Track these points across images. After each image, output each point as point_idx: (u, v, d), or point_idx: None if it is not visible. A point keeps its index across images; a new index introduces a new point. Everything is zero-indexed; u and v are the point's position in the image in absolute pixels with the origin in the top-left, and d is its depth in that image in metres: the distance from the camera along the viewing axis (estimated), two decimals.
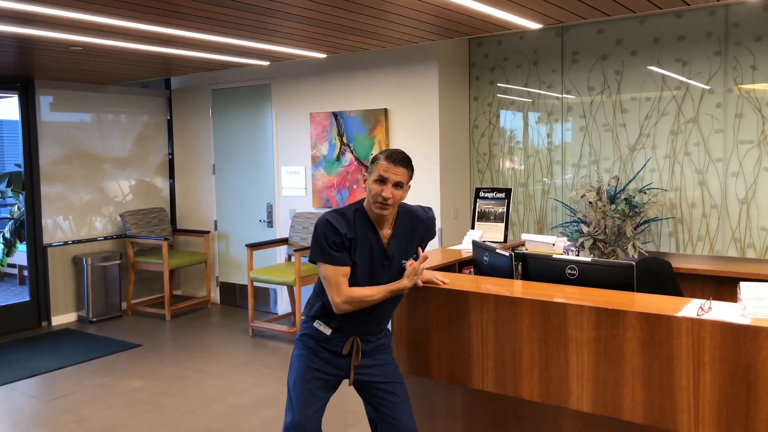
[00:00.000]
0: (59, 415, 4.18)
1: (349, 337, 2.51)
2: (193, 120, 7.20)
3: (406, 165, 2.44)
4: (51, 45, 4.51)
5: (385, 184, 2.40)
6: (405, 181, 2.44)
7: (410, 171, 2.47)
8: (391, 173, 2.40)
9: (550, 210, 5.37)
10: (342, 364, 2.54)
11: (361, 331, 2.53)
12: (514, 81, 5.46)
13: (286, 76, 6.34)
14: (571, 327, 2.36)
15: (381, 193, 2.40)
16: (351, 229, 2.44)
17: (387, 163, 2.41)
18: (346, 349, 2.50)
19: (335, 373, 2.55)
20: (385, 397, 2.57)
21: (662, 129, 4.80)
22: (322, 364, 2.53)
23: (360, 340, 2.52)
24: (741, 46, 4.46)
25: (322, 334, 2.51)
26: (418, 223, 2.60)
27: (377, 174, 2.41)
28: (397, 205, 2.48)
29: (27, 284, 6.48)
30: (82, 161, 6.70)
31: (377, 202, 2.42)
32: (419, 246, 2.59)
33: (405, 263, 2.51)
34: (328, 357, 2.53)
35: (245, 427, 3.95)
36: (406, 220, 2.57)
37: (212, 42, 4.48)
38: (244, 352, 5.45)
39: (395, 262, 2.52)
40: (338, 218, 2.45)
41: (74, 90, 6.59)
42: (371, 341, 2.57)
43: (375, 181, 2.42)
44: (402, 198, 2.48)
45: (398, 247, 2.53)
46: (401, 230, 2.55)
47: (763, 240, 4.49)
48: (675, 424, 2.17)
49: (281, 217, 6.53)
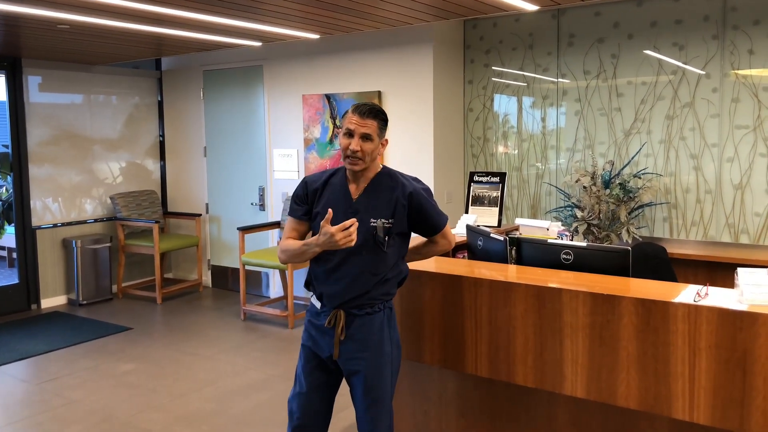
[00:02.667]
0: (49, 398, 4.15)
1: (332, 310, 2.40)
2: (184, 101, 7.11)
3: (374, 116, 2.33)
4: (38, 23, 4.42)
5: (353, 137, 2.31)
6: (374, 133, 2.32)
7: (380, 123, 2.34)
8: (358, 125, 2.31)
9: (544, 194, 5.35)
10: (328, 342, 2.41)
11: (338, 296, 2.37)
12: (509, 64, 5.41)
13: (279, 57, 6.26)
14: (566, 312, 2.34)
15: (349, 146, 2.31)
16: (321, 182, 2.45)
17: (354, 115, 2.33)
18: (329, 321, 2.38)
19: (322, 352, 2.43)
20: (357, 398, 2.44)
21: (658, 114, 4.77)
22: (314, 344, 2.45)
23: (344, 313, 2.38)
24: (738, 30, 4.42)
25: (314, 308, 2.47)
26: (396, 187, 2.41)
27: (345, 127, 2.34)
28: (369, 160, 2.34)
29: (16, 267, 6.42)
30: (72, 143, 6.61)
31: (347, 157, 2.33)
32: (394, 213, 2.38)
33: (374, 223, 2.36)
34: (317, 335, 2.44)
35: (237, 410, 3.93)
36: (384, 180, 2.43)
37: (203, 21, 4.40)
38: (236, 335, 5.43)
39: (362, 219, 2.34)
40: (315, 174, 2.52)
41: (63, 70, 6.49)
42: (357, 315, 2.38)
43: (343, 134, 2.35)
44: (374, 151, 2.35)
45: (367, 204, 2.38)
46: (376, 188, 2.41)
47: (756, 225, 4.48)
48: (670, 410, 2.16)
49: (273, 201, 6.48)
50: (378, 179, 2.43)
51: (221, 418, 3.83)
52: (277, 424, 3.73)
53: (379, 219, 2.37)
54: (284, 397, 4.10)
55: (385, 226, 2.37)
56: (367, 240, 2.36)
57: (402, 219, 2.40)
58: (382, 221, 2.37)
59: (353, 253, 2.35)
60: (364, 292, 2.37)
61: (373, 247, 2.37)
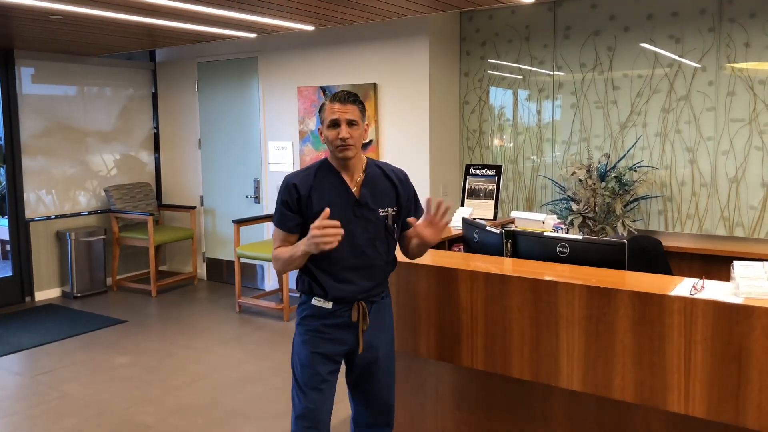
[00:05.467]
0: (43, 391, 4.14)
1: (352, 304, 2.36)
2: (179, 93, 7.07)
3: (354, 101, 2.30)
4: (30, 13, 4.38)
5: (339, 126, 2.28)
6: (358, 118, 2.29)
7: (360, 107, 2.32)
8: (341, 112, 2.27)
9: (540, 187, 5.34)
10: (349, 336, 2.39)
11: (359, 290, 2.36)
12: (505, 56, 5.39)
13: (274, 49, 6.22)
14: (562, 305, 2.34)
15: (338, 136, 2.26)
16: (307, 184, 2.32)
17: (333, 104, 2.29)
18: (354, 315, 2.36)
19: (341, 350, 2.40)
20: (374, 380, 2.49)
21: (653, 106, 4.77)
22: (330, 346, 2.38)
23: (365, 303, 2.38)
24: (735, 23, 4.42)
25: (323, 309, 2.37)
26: (390, 172, 2.44)
27: (328, 119, 2.29)
28: (358, 145, 2.32)
29: (10, 259, 6.39)
30: (65, 134, 6.57)
31: (338, 147, 2.28)
32: (398, 200, 2.42)
33: (383, 213, 2.38)
34: (336, 334, 2.37)
35: (232, 403, 3.93)
36: (376, 170, 2.42)
37: (197, 12, 4.37)
38: (231, 328, 5.42)
39: (372, 212, 2.36)
40: (299, 174, 2.37)
41: (56, 61, 6.44)
42: (375, 302, 2.42)
43: (328, 127, 2.29)
44: (361, 137, 2.33)
45: (373, 195, 2.37)
46: (373, 177, 2.39)
47: (751, 218, 4.49)
48: (665, 403, 2.17)
49: (268, 193, 6.46)
50: (371, 170, 2.41)
51: (216, 411, 3.82)
52: (272, 416, 3.73)
53: (387, 208, 2.40)
54: (279, 389, 4.10)
55: (392, 214, 2.42)
56: (379, 231, 2.38)
57: (401, 205, 2.46)
58: (390, 210, 2.40)
59: (368, 246, 2.36)
60: (382, 281, 2.45)
61: (384, 236, 2.40)
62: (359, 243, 2.34)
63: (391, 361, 2.54)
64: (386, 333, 2.50)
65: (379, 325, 2.45)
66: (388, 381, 2.52)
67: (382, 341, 2.47)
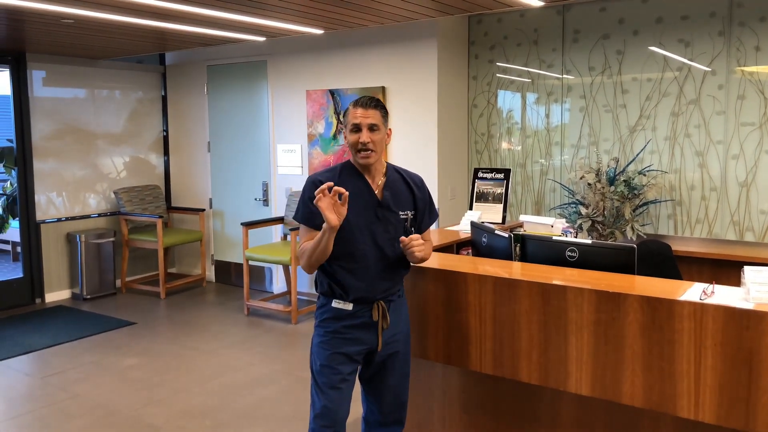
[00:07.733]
0: (53, 392, 4.16)
1: (372, 304, 2.42)
2: (188, 96, 7.10)
3: (375, 106, 2.38)
4: (42, 17, 4.42)
5: (361, 130, 2.35)
6: (379, 122, 2.37)
7: (382, 112, 2.40)
8: (363, 117, 2.35)
9: (549, 191, 5.33)
10: (369, 336, 2.43)
11: (380, 291, 2.42)
12: (513, 60, 5.39)
13: (283, 52, 6.24)
14: (571, 310, 2.34)
15: (359, 140, 2.35)
16: (335, 180, 2.37)
17: (356, 109, 2.37)
18: (375, 315, 2.41)
19: (361, 350, 2.44)
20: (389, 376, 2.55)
21: (663, 110, 4.75)
22: (351, 346, 2.42)
23: (384, 302, 2.44)
24: (745, 27, 4.40)
25: (343, 311, 2.41)
26: (407, 177, 2.53)
27: (350, 123, 2.38)
28: (380, 150, 2.40)
29: (20, 261, 6.43)
30: (75, 137, 6.61)
31: (359, 151, 2.37)
32: (416, 204, 2.51)
33: (404, 216, 2.47)
34: (356, 334, 2.42)
35: (240, 405, 3.94)
36: (396, 174, 2.52)
37: (207, 16, 4.39)
38: (240, 330, 5.43)
39: (393, 214, 2.45)
40: (324, 173, 2.46)
41: (67, 65, 6.48)
42: (392, 301, 2.49)
43: (351, 130, 2.38)
44: (382, 142, 2.41)
45: (393, 198, 2.46)
46: (394, 181, 2.49)
47: (762, 223, 4.47)
48: (675, 409, 2.16)
49: (277, 196, 6.47)
50: (391, 174, 2.50)
51: (224, 413, 3.83)
52: (280, 419, 3.73)
53: (407, 211, 2.48)
54: (287, 392, 4.11)
55: (410, 217, 2.49)
56: (399, 232, 2.45)
57: (418, 209, 2.53)
58: (409, 213, 2.48)
59: (389, 247, 2.43)
60: (399, 281, 2.53)
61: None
62: (381, 243, 2.42)
63: (407, 357, 2.59)
64: (404, 330, 2.57)
65: (397, 322, 2.52)
66: (403, 376, 2.57)
67: (399, 338, 2.53)
